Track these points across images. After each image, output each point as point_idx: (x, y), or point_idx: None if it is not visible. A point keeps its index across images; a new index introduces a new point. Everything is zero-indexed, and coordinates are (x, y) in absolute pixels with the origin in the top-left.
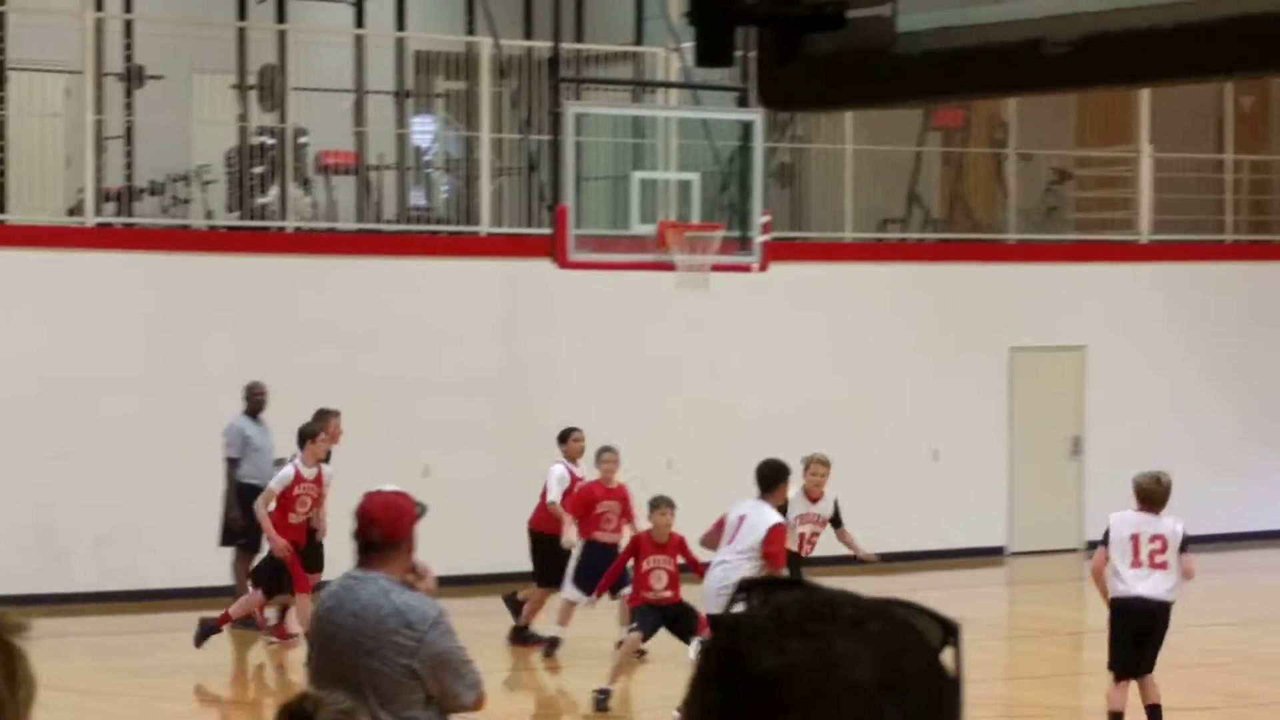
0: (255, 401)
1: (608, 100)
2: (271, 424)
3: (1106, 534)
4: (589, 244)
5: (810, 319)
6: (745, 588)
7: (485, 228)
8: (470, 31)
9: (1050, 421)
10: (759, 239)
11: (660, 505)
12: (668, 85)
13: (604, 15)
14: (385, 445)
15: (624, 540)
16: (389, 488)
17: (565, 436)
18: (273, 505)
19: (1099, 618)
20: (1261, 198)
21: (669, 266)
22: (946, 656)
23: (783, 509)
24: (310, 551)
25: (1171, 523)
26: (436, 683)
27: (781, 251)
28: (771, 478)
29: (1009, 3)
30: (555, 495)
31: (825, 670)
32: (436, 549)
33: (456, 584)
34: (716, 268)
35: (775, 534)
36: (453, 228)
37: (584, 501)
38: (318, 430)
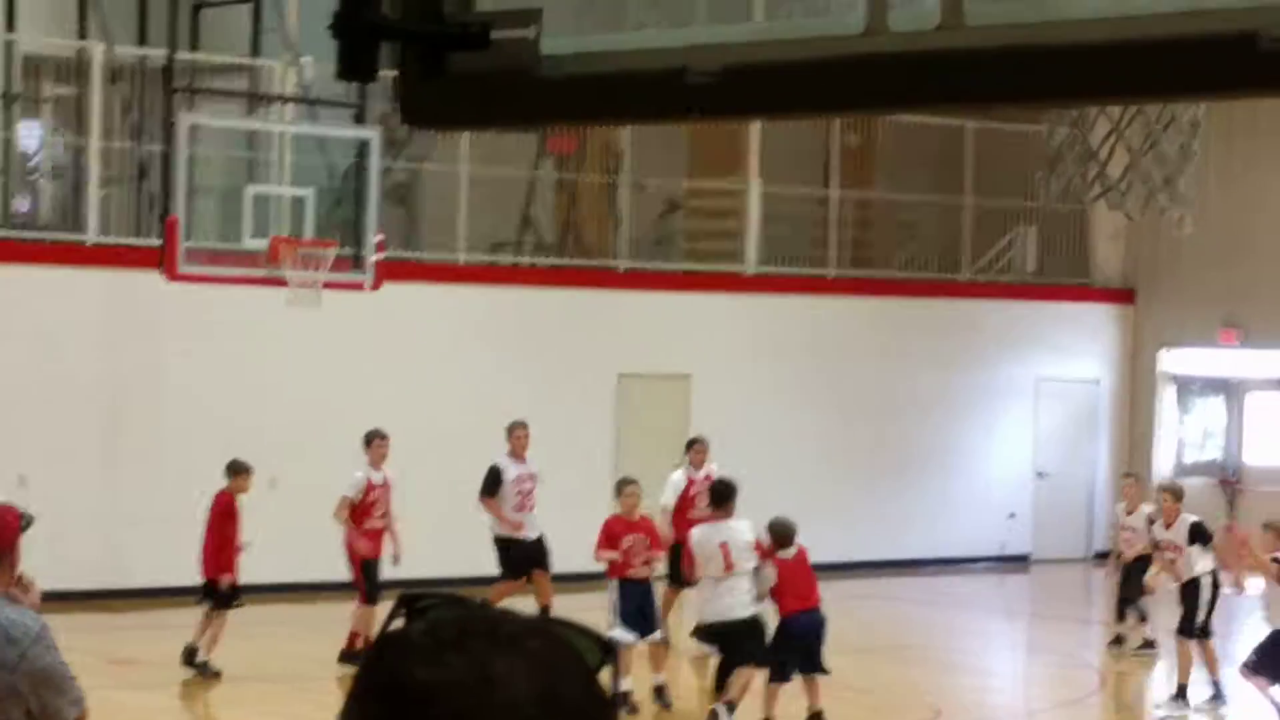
0: None
1: (222, 112)
2: None
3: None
4: (200, 257)
5: (422, 340)
6: (404, 603)
7: (92, 236)
8: (82, 36)
9: (656, 448)
10: (372, 258)
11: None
12: (284, 99)
13: (220, 25)
14: None
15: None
16: None
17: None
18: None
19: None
20: (863, 235)
21: (281, 282)
22: (603, 676)
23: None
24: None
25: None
26: (38, 699)
27: (394, 271)
28: (727, 494)
29: (653, 30)
30: (663, 508)
31: (482, 687)
32: (38, 563)
33: (57, 599)
34: (328, 285)
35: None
36: (58, 235)
37: (609, 538)
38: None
